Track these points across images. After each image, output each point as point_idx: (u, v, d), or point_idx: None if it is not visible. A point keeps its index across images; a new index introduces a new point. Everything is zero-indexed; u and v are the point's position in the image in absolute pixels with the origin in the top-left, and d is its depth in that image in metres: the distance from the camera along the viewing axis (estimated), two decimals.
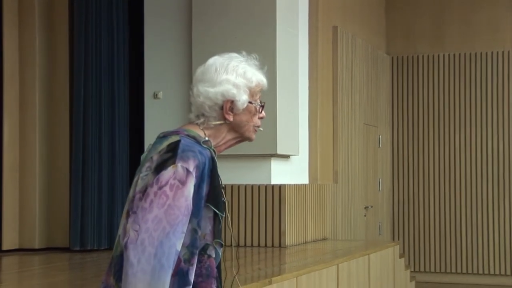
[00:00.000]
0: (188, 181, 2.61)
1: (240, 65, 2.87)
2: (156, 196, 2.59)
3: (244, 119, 2.85)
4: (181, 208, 2.58)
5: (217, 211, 2.69)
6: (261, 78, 2.92)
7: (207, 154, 2.71)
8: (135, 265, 2.54)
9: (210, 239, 2.69)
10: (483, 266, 13.50)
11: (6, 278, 7.73)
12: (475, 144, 13.68)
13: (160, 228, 2.55)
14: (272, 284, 6.51)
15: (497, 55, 13.67)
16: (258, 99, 2.90)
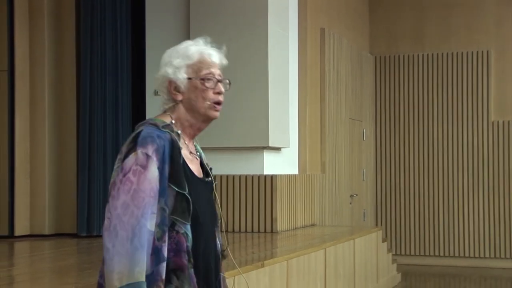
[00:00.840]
0: (149, 165, 2.60)
1: (183, 46, 2.84)
2: (122, 184, 2.59)
3: (192, 96, 2.79)
4: (146, 190, 2.57)
5: (177, 189, 2.64)
6: (205, 52, 2.82)
7: (167, 137, 2.67)
8: (110, 250, 2.54)
9: (178, 216, 2.65)
10: (459, 249, 13.52)
11: (18, 262, 7.73)
12: (452, 138, 13.70)
13: (129, 213, 2.54)
14: (264, 267, 6.52)
15: (472, 54, 13.68)
16: (207, 74, 2.79)
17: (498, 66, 13.62)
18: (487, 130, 13.55)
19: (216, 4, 9.69)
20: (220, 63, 2.86)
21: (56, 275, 6.70)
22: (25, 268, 7.30)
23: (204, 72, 2.79)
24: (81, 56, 9.94)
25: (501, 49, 13.61)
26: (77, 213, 9.72)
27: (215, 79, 2.81)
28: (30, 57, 9.93)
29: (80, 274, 6.43)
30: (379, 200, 14.01)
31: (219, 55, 2.86)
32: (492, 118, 13.54)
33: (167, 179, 2.64)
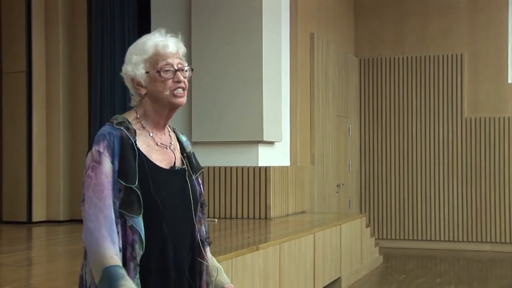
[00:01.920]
0: (102, 160, 2.54)
1: (140, 43, 2.73)
2: (85, 181, 2.56)
3: (153, 88, 2.68)
4: (103, 183, 2.52)
5: (124, 183, 2.54)
6: (159, 44, 2.70)
7: (117, 134, 2.58)
8: (86, 243, 2.52)
9: (126, 208, 2.56)
10: (435, 233, 13.54)
11: (36, 245, 7.73)
12: (429, 133, 13.71)
13: (93, 205, 2.50)
14: (259, 250, 6.51)
15: (448, 57, 13.68)
16: (164, 65, 2.66)
17: (471, 68, 13.62)
18: (461, 126, 13.56)
19: (216, 12, 9.68)
20: (177, 52, 2.74)
21: (70, 257, 6.69)
22: (42, 251, 7.30)
23: (160, 64, 2.67)
24: (92, 58, 9.94)
25: (473, 53, 13.62)
26: None
27: (173, 69, 2.68)
28: (46, 59, 9.92)
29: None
30: (363, 189, 14.02)
31: (176, 45, 2.74)
32: (466, 115, 13.55)
33: (117, 173, 2.56)
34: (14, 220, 9.68)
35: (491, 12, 13.53)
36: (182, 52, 2.77)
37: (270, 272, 6.79)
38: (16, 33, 9.79)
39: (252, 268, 6.36)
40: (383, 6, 14.08)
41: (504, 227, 13.23)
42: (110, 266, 2.45)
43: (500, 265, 11.57)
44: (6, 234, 8.63)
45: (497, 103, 13.46)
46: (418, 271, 10.94)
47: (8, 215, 9.78)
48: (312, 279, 8.10)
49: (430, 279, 10.16)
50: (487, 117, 13.44)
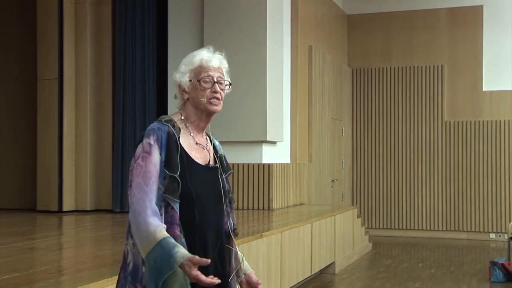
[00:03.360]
0: (152, 151, 2.60)
1: (191, 55, 2.81)
2: (135, 168, 2.61)
3: (194, 95, 2.74)
4: (152, 171, 2.58)
5: (169, 173, 2.61)
6: (204, 59, 2.77)
7: (165, 129, 2.66)
8: (133, 225, 2.55)
9: (170, 194, 2.62)
10: (418, 223, 13.52)
11: (66, 232, 7.72)
12: (413, 134, 13.68)
13: (141, 190, 2.55)
14: (263, 238, 6.50)
15: (430, 68, 13.65)
16: (204, 76, 2.72)
17: (450, 77, 13.59)
18: (441, 128, 13.54)
19: (225, 26, 9.67)
20: (219, 67, 2.79)
21: (96, 243, 6.68)
22: (71, 237, 7.29)
23: (202, 75, 2.74)
24: (116, 67, 9.95)
25: (453, 64, 13.59)
26: (112, 193, 9.74)
27: (213, 81, 2.74)
28: (76, 68, 9.93)
29: (114, 242, 6.40)
30: (355, 184, 14.00)
31: (219, 61, 2.80)
32: (445, 118, 13.52)
33: (163, 163, 2.62)
34: (46, 209, 9.70)
35: (468, 28, 13.50)
36: (224, 68, 2.83)
37: (273, 257, 6.77)
38: (49, 45, 9.79)
39: (257, 254, 6.34)
40: (373, 22, 14.05)
41: (479, 218, 13.21)
42: (162, 238, 2.49)
43: (475, 251, 11.56)
44: (39, 221, 8.63)
45: (473, 108, 13.45)
46: (402, 256, 10.93)
47: (41, 205, 9.80)
48: (309, 263, 8.08)
49: (413, 263, 10.14)
50: (464, 121, 13.41)
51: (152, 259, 2.49)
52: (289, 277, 7.30)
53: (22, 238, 6.65)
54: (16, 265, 4.85)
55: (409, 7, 13.86)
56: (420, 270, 9.51)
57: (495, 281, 8.63)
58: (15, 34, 10.69)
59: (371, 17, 14.08)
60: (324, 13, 12.53)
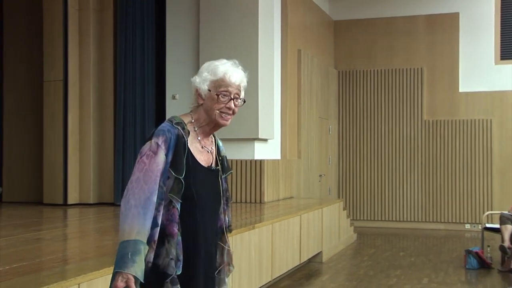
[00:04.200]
0: (158, 152, 2.58)
1: (216, 63, 2.74)
2: (138, 163, 2.59)
3: (209, 104, 2.69)
4: (154, 171, 2.55)
5: (174, 174, 2.60)
6: (228, 74, 2.71)
7: (175, 132, 2.63)
8: (123, 213, 2.53)
9: (174, 194, 2.61)
10: (399, 215, 13.54)
11: (70, 224, 7.69)
12: (395, 132, 13.71)
13: (140, 186, 2.53)
14: (255, 229, 6.49)
15: (410, 71, 13.67)
16: (223, 91, 2.68)
17: (429, 79, 13.62)
18: (421, 126, 13.56)
19: (220, 31, 9.65)
20: (239, 84, 2.75)
21: (98, 233, 6.66)
22: (75, 228, 7.26)
23: (221, 89, 2.69)
24: (117, 69, 9.93)
25: (431, 67, 13.61)
26: (114, 187, 9.71)
27: (230, 97, 2.71)
28: (79, 70, 9.89)
29: (116, 233, 6.37)
30: (341, 179, 14.01)
31: (240, 78, 2.75)
32: (425, 117, 13.55)
33: (169, 164, 2.60)
34: (52, 202, 9.68)
35: (445, 34, 13.53)
36: (243, 85, 2.80)
37: (264, 247, 6.76)
38: (55, 49, 9.76)
39: (249, 244, 6.33)
40: (357, 27, 14.06)
41: (455, 210, 13.25)
42: (135, 240, 2.48)
43: (452, 240, 11.59)
44: (45, 214, 8.60)
45: (450, 108, 13.48)
46: (385, 246, 10.95)
47: (47, 198, 9.77)
48: (298, 252, 8.08)
49: (395, 252, 10.15)
50: (442, 120, 13.44)
51: (122, 247, 2.49)
52: (279, 266, 7.30)
53: (29, 230, 6.63)
54: (24, 254, 4.83)
55: (390, 14, 13.88)
56: (401, 259, 9.52)
57: (469, 268, 8.66)
58: (23, 39, 10.65)
59: (356, 23, 14.08)
60: (312, 19, 12.52)
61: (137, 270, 2.46)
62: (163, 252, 2.57)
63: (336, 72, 14.03)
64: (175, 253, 2.58)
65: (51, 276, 3.92)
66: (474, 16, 13.40)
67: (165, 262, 2.57)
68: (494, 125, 13.19)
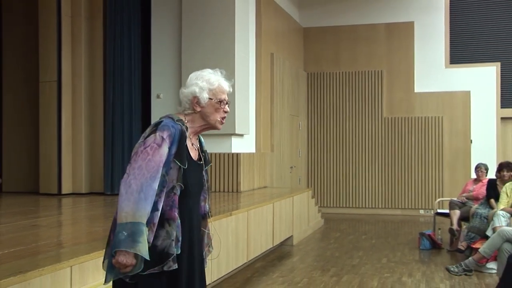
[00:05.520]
0: (162, 145, 2.59)
1: (207, 75, 2.81)
2: (141, 153, 2.58)
3: (208, 111, 2.77)
4: (156, 161, 2.56)
5: (179, 164, 2.64)
6: (222, 83, 2.81)
7: (178, 128, 2.67)
8: (123, 196, 2.52)
9: (175, 182, 2.65)
10: (362, 202, 13.64)
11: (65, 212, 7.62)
12: (358, 128, 13.79)
13: (142, 174, 2.53)
14: (232, 215, 6.50)
15: (371, 73, 13.76)
16: (221, 98, 2.80)
17: (388, 81, 13.72)
18: (381, 123, 13.66)
19: (201, 37, 9.63)
20: (229, 91, 2.86)
21: (90, 221, 6.61)
22: (69, 216, 7.20)
23: (220, 96, 2.79)
24: (106, 71, 9.84)
25: (390, 70, 13.72)
26: (104, 178, 9.64)
27: (225, 102, 2.83)
28: (72, 72, 9.80)
29: (105, 220, 6.34)
30: (310, 170, 14.07)
31: (229, 85, 2.86)
32: (384, 115, 13.65)
33: (173, 156, 2.63)
34: (48, 192, 9.59)
35: (402, 40, 13.63)
36: (230, 92, 2.89)
37: (240, 232, 6.77)
38: (50, 52, 9.65)
39: (227, 229, 6.34)
40: (324, 33, 14.10)
41: (410, 197, 13.38)
42: (137, 222, 2.49)
43: (408, 225, 11.70)
44: (41, 203, 8.51)
45: (406, 106, 13.60)
46: (349, 230, 11.02)
47: (43, 188, 9.68)
48: (271, 237, 8.10)
49: (357, 236, 10.23)
50: (400, 117, 13.56)
51: (125, 228, 2.48)
52: (254, 249, 7.31)
53: (26, 217, 6.56)
54: (21, 239, 4.79)
55: (354, 22, 13.95)
56: (363, 241, 9.60)
57: (423, 249, 8.77)
58: (21, 43, 10.52)
59: (323, 30, 14.12)
60: (283, 26, 12.53)
61: (142, 249, 2.48)
62: (163, 234, 2.61)
63: (305, 74, 14.07)
64: (175, 234, 2.62)
65: (46, 259, 3.89)
66: (427, 25, 13.54)
67: (165, 243, 2.60)
68: (445, 121, 13.34)
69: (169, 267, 2.60)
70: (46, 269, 3.59)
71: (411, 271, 7.24)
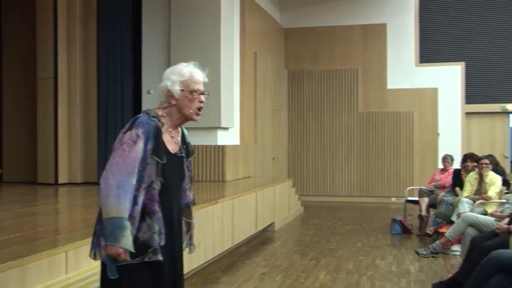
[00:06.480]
0: (138, 141, 2.52)
1: (179, 67, 2.71)
2: (119, 149, 2.53)
3: (182, 103, 2.66)
4: (132, 157, 2.50)
5: (157, 159, 2.56)
6: (193, 73, 2.68)
7: (152, 124, 2.57)
8: (104, 191, 2.48)
9: (154, 177, 2.57)
10: (339, 190, 13.70)
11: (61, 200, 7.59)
12: (335, 122, 13.83)
13: (119, 170, 2.48)
14: (218, 203, 6.50)
15: (348, 71, 13.79)
16: (194, 89, 2.66)
17: (363, 79, 13.77)
18: (356, 117, 13.71)
19: (188, 37, 9.59)
20: (202, 80, 2.73)
21: (85, 209, 6.59)
22: (65, 204, 7.17)
23: (191, 87, 2.67)
24: (100, 70, 9.78)
25: (365, 68, 13.76)
26: (97, 169, 9.60)
27: (199, 92, 2.70)
28: (68, 69, 9.73)
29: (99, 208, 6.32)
30: (290, 161, 14.09)
31: (202, 76, 2.73)
32: (359, 110, 13.70)
33: (149, 152, 2.55)
34: (45, 182, 9.53)
35: (376, 41, 13.68)
36: (205, 81, 2.76)
37: (225, 219, 6.78)
38: (47, 52, 9.58)
39: (213, 216, 6.34)
40: (304, 34, 14.11)
41: (383, 186, 13.47)
42: (120, 217, 2.45)
43: (381, 211, 11.77)
44: (39, 192, 8.46)
45: (380, 102, 13.67)
46: (327, 217, 11.06)
47: (41, 178, 9.62)
48: (255, 223, 8.12)
49: (335, 222, 10.28)
50: (374, 112, 13.62)
51: (109, 223, 2.47)
52: (239, 234, 7.33)
53: (25, 205, 6.52)
54: (20, 226, 4.76)
55: (331, 23, 13.97)
56: (340, 227, 9.64)
57: (394, 234, 8.84)
58: (20, 42, 10.42)
59: (303, 30, 14.13)
60: (266, 27, 12.52)
61: (127, 243, 2.46)
62: (144, 227, 2.55)
63: (286, 71, 14.07)
64: (157, 227, 2.56)
65: (43, 244, 3.88)
66: (399, 26, 13.60)
67: (147, 235, 2.55)
68: (415, 116, 13.44)
69: (149, 258, 2.55)
70: (43, 254, 3.58)
71: (384, 254, 7.31)
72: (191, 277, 5.97)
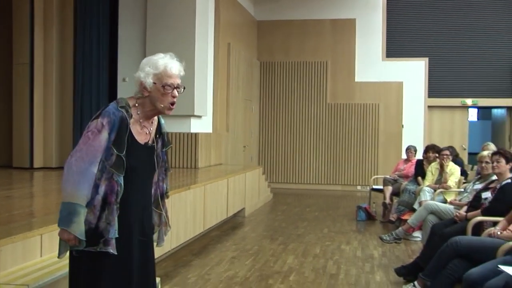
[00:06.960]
0: (102, 131, 2.46)
1: (155, 59, 2.58)
2: (84, 137, 2.48)
3: (155, 95, 2.54)
4: (95, 146, 2.44)
5: (116, 151, 2.48)
6: (168, 67, 2.56)
7: (119, 115, 2.49)
8: (65, 176, 2.45)
9: (115, 168, 2.49)
10: (307, 178, 13.79)
11: (36, 184, 7.47)
12: (304, 112, 13.88)
13: (81, 157, 2.44)
14: (190, 189, 6.48)
15: (318, 63, 13.84)
16: (167, 83, 2.55)
17: (332, 71, 13.83)
18: (325, 108, 13.79)
19: (164, 27, 9.48)
20: (178, 74, 2.61)
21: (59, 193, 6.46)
22: (40, 187, 7.06)
23: (165, 81, 2.55)
24: (76, 55, 9.65)
25: (334, 61, 13.82)
26: None
27: (173, 87, 2.57)
28: (44, 55, 9.55)
29: None
30: (261, 149, 14.12)
31: (178, 69, 2.60)
32: (328, 101, 13.78)
33: (111, 142, 2.48)
34: (20, 166, 9.38)
35: (345, 35, 13.74)
36: (182, 74, 2.65)
37: (198, 204, 6.77)
38: (22, 36, 9.39)
39: (185, 202, 6.32)
40: (276, 26, 14.08)
41: (350, 175, 13.61)
42: (76, 203, 2.42)
43: (346, 199, 11.90)
44: (14, 176, 8.30)
45: (348, 94, 13.76)
46: (295, 203, 11.13)
47: (16, 163, 9.47)
48: (226, 209, 8.13)
49: (302, 208, 10.35)
50: (342, 103, 13.71)
51: (65, 207, 2.44)
52: (210, 219, 7.33)
53: (0, 189, 6.39)
54: None
55: (302, 17, 13.97)
56: (307, 213, 9.72)
57: (359, 220, 8.95)
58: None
59: (275, 23, 14.10)
60: (239, 19, 12.45)
61: (76, 229, 2.42)
62: (103, 217, 2.49)
63: (258, 62, 14.05)
64: (111, 219, 2.49)
65: (19, 227, 3.82)
66: (367, 21, 13.69)
67: (103, 225, 2.49)
68: (381, 108, 13.58)
69: (100, 249, 2.48)
70: (18, 236, 3.52)
71: (349, 239, 7.39)
72: (164, 260, 5.95)
